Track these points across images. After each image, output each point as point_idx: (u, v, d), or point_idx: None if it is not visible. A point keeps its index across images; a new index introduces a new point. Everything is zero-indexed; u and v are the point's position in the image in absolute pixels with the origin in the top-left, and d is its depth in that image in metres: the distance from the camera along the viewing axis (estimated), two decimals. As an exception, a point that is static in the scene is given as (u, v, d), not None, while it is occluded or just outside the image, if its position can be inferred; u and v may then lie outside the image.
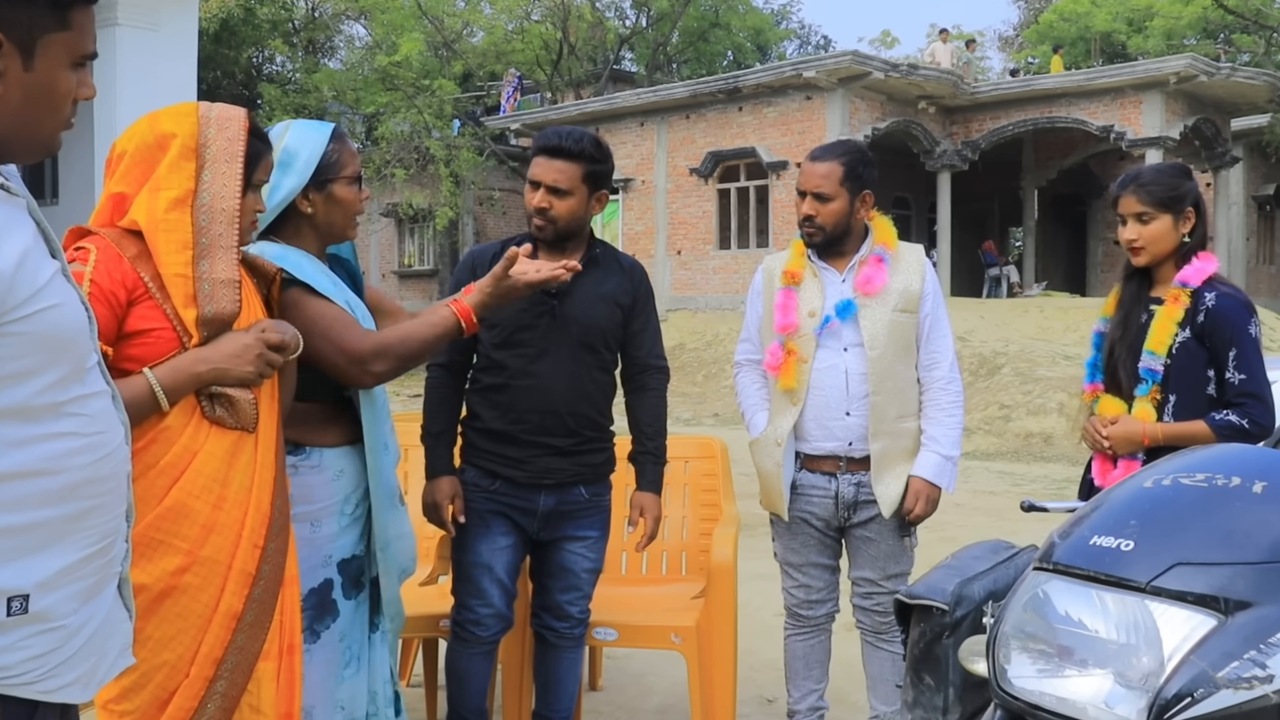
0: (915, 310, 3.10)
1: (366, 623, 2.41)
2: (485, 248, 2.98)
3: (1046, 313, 17.31)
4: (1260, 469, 1.66)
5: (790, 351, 3.09)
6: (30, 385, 1.29)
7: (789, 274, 3.16)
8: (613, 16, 29.60)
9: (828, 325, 3.06)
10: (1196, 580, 1.47)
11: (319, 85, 24.78)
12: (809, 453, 3.13)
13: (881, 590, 3.11)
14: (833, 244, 3.13)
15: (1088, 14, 28.36)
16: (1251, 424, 2.68)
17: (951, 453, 3.08)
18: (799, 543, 3.19)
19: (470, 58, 25.94)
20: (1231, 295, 2.77)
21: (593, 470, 2.95)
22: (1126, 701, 1.46)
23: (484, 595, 2.86)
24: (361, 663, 2.38)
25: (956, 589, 2.28)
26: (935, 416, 3.09)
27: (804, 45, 36.04)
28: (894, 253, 3.13)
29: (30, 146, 1.37)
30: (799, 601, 3.24)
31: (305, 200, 2.36)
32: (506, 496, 2.88)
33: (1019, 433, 12.16)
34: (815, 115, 18.66)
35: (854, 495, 3.09)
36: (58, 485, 1.33)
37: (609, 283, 2.94)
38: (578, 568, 2.97)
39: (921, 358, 3.12)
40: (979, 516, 7.77)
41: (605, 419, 2.99)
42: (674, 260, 20.83)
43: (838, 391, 3.06)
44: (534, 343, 2.84)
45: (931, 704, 2.22)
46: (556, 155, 2.82)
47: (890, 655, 3.13)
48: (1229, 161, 20.66)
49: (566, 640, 3.01)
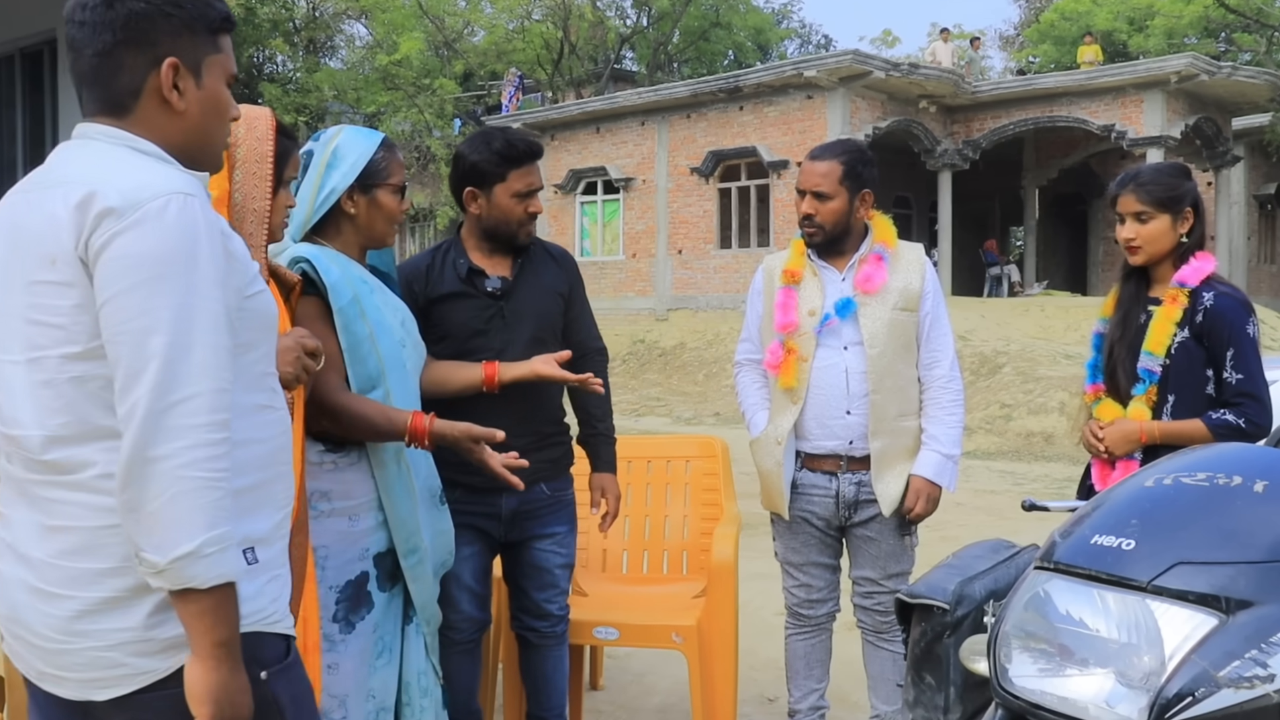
0: (915, 309, 3.09)
1: (400, 615, 2.46)
2: (417, 259, 2.93)
3: (1047, 312, 17.31)
4: (1261, 468, 1.66)
5: (790, 350, 3.09)
6: (250, 356, 1.55)
7: (789, 273, 3.16)
8: (614, 16, 29.61)
9: (827, 323, 3.06)
10: (1198, 579, 1.47)
11: (320, 84, 24.80)
12: (809, 451, 3.13)
13: (882, 589, 3.11)
14: (833, 243, 3.12)
15: (1089, 13, 28.32)
16: (1248, 423, 2.68)
17: (952, 451, 3.08)
18: (799, 542, 3.19)
19: (471, 57, 25.95)
20: (1229, 295, 2.76)
21: (551, 465, 2.94)
22: (1128, 701, 1.46)
23: (453, 602, 2.83)
24: (394, 653, 2.43)
25: (957, 588, 2.28)
26: (936, 415, 3.08)
27: (805, 44, 36.05)
28: (894, 251, 3.13)
29: (211, 155, 1.61)
30: (800, 601, 3.24)
31: (350, 200, 2.45)
32: (467, 504, 2.81)
33: (1020, 432, 12.16)
34: (816, 114, 18.65)
35: (855, 494, 3.09)
36: (265, 452, 1.56)
37: (546, 275, 2.95)
38: (550, 565, 2.96)
39: (922, 356, 3.12)
40: (980, 515, 7.77)
41: (560, 411, 2.99)
42: (675, 259, 20.83)
43: (838, 390, 3.05)
44: (489, 346, 2.82)
45: (932, 703, 2.22)
46: (538, 157, 2.91)
47: (891, 655, 3.13)
48: (1230, 161, 20.64)
49: (549, 639, 3.00)
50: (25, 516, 1.50)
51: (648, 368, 18.30)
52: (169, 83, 1.51)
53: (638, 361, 18.57)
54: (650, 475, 3.95)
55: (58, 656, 1.47)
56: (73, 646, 1.45)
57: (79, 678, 1.47)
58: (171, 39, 1.51)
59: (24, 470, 1.49)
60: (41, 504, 1.47)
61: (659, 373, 17.98)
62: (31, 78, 9.62)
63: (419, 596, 2.46)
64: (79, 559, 1.45)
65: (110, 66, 1.50)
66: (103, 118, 1.52)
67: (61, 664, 1.47)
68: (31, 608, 1.48)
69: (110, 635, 1.45)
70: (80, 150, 1.52)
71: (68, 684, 1.48)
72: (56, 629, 1.46)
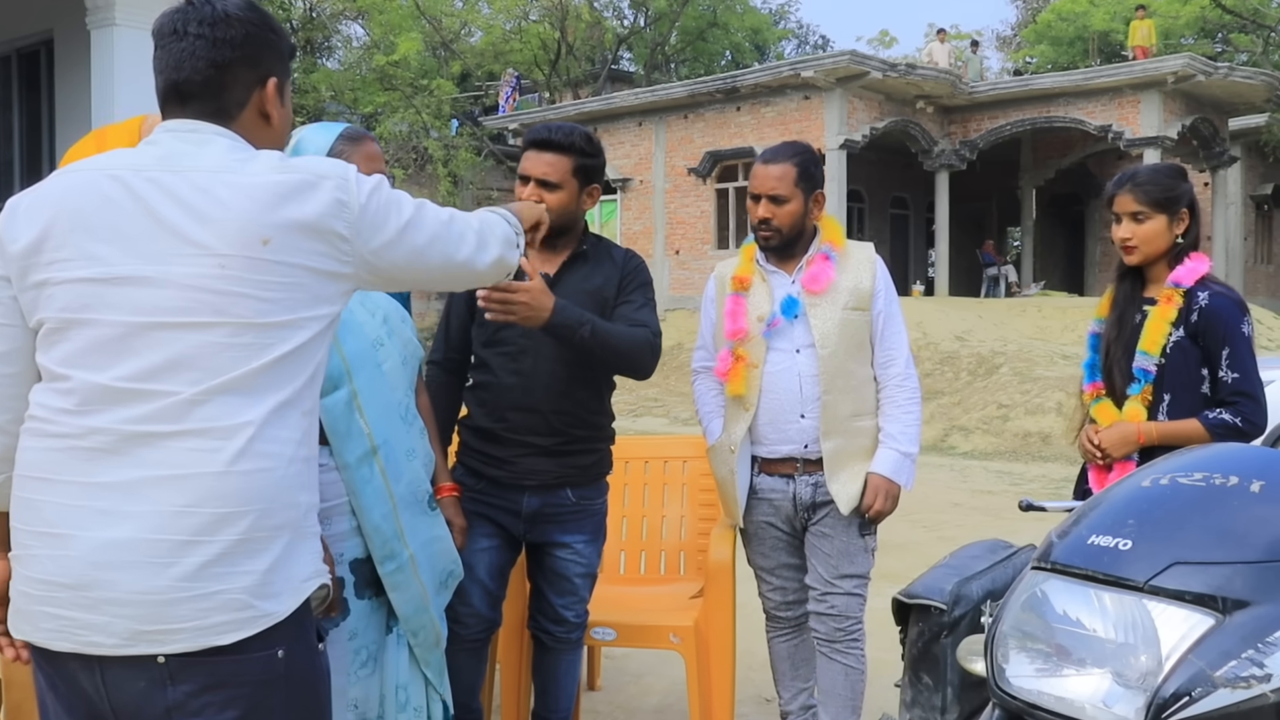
0: (867, 308, 3.06)
1: (383, 624, 2.38)
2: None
3: (1044, 312, 17.33)
4: (1258, 468, 1.66)
5: (740, 358, 3.05)
6: None
7: (738, 280, 3.13)
8: (611, 16, 29.60)
9: (773, 324, 3.03)
10: (1194, 579, 1.47)
11: (317, 85, 24.77)
12: (765, 456, 3.10)
13: (835, 590, 3.03)
14: (785, 246, 3.10)
15: (1085, 13, 28.34)
16: (1245, 422, 2.69)
17: (909, 449, 3.04)
18: (767, 547, 3.17)
19: (468, 58, 25.93)
20: (1224, 294, 2.77)
21: (580, 472, 2.88)
22: (1124, 701, 1.46)
23: (463, 594, 2.78)
24: (377, 663, 2.35)
25: (955, 588, 2.29)
26: (891, 413, 3.05)
27: (802, 45, 36.09)
28: (841, 251, 3.10)
29: None
30: (776, 604, 3.22)
31: None
32: (490, 497, 2.83)
33: (1017, 432, 12.17)
34: (813, 115, 18.66)
35: (811, 496, 3.05)
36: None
37: (596, 277, 2.86)
38: (570, 573, 2.92)
39: (877, 355, 3.08)
40: (977, 516, 7.78)
41: (597, 417, 2.92)
42: (672, 260, 20.83)
43: (791, 395, 3.02)
44: (515, 340, 2.81)
45: (930, 703, 2.23)
46: (546, 148, 2.79)
47: (844, 668, 3.05)
48: (1226, 161, 20.67)
49: (563, 644, 2.98)
50: (127, 475, 1.51)
51: (645, 368, 18.27)
52: (274, 99, 1.71)
53: (635, 362, 18.54)
54: (648, 476, 3.95)
55: (174, 608, 1.49)
56: (202, 591, 1.50)
57: (200, 625, 1.50)
58: (271, 60, 1.71)
59: (135, 424, 1.51)
60: (157, 455, 1.51)
61: (657, 373, 17.92)
62: (28, 78, 9.60)
63: (401, 606, 2.35)
64: (223, 504, 1.51)
65: (225, 79, 1.66)
66: (209, 120, 1.66)
67: (178, 615, 1.49)
68: (139, 565, 1.49)
69: (243, 577, 1.52)
70: (212, 147, 1.63)
71: (181, 636, 1.50)
72: (186, 576, 1.49)
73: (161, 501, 1.50)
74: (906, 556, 5.73)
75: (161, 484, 1.51)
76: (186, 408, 1.52)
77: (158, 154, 1.61)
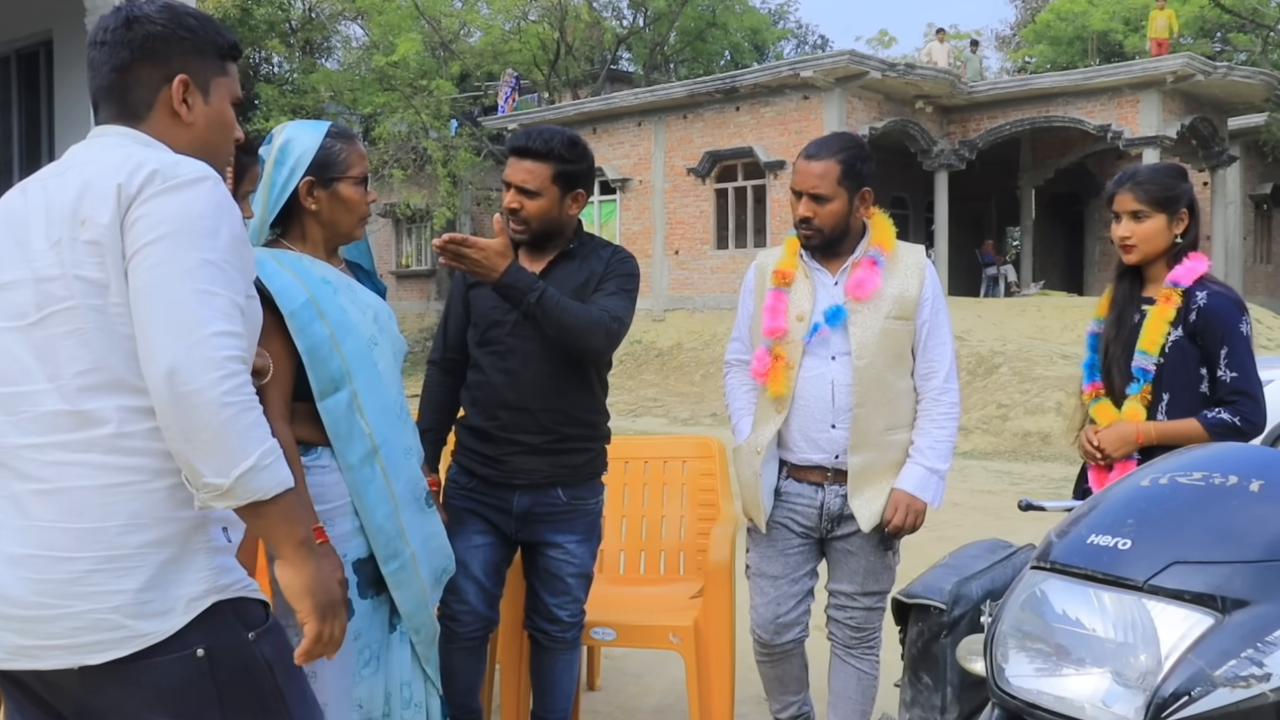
0: (911, 317, 2.92)
1: (386, 623, 2.38)
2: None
3: (1044, 312, 17.33)
4: (1257, 467, 1.66)
5: (778, 357, 2.94)
6: None
7: (780, 274, 3.01)
8: (610, 16, 29.59)
9: (817, 333, 2.92)
10: (1194, 579, 1.47)
11: (316, 86, 24.78)
12: (794, 462, 3.01)
13: (856, 605, 3.00)
14: (830, 244, 2.96)
15: (1084, 13, 28.36)
16: (1243, 421, 2.69)
17: (938, 466, 2.92)
18: (776, 550, 3.04)
19: (467, 58, 25.92)
20: (1223, 294, 2.78)
21: (571, 472, 2.86)
22: (1124, 700, 1.46)
23: (458, 591, 2.81)
24: (380, 662, 2.35)
25: (954, 588, 2.29)
26: (925, 427, 2.93)
27: (801, 45, 36.07)
28: (890, 255, 2.96)
29: (214, 167, 1.69)
30: (764, 621, 3.05)
31: (310, 197, 2.37)
32: (481, 495, 2.85)
33: (1016, 432, 12.17)
34: (812, 115, 18.65)
35: (839, 507, 2.96)
36: None
37: (582, 273, 2.84)
38: (562, 573, 2.91)
39: (918, 366, 2.96)
40: (976, 515, 7.77)
41: (589, 415, 2.90)
42: (671, 260, 20.83)
43: (823, 404, 2.91)
44: (504, 339, 2.82)
45: (929, 703, 2.23)
46: (525, 155, 2.78)
47: (857, 672, 3.03)
48: (1226, 160, 20.66)
49: (559, 643, 2.98)
50: (8, 488, 1.53)
51: (644, 368, 18.29)
52: (179, 96, 1.68)
53: (634, 362, 18.57)
54: (647, 476, 3.95)
55: (47, 624, 1.49)
56: (70, 610, 1.48)
57: (72, 644, 1.49)
58: (183, 58, 1.68)
59: (17, 436, 1.53)
60: (36, 469, 1.52)
61: (656, 373, 17.98)
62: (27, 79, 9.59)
63: (404, 604, 2.37)
64: (84, 519, 1.50)
65: (127, 80, 1.67)
66: (118, 123, 1.67)
67: (51, 632, 1.49)
68: (17, 578, 1.49)
69: (111, 597, 1.49)
70: (99, 143, 1.66)
71: (55, 653, 1.49)
72: (54, 593, 1.48)
73: (37, 516, 1.52)
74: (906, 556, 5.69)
75: (37, 497, 1.52)
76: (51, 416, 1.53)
77: (58, 161, 1.67)
